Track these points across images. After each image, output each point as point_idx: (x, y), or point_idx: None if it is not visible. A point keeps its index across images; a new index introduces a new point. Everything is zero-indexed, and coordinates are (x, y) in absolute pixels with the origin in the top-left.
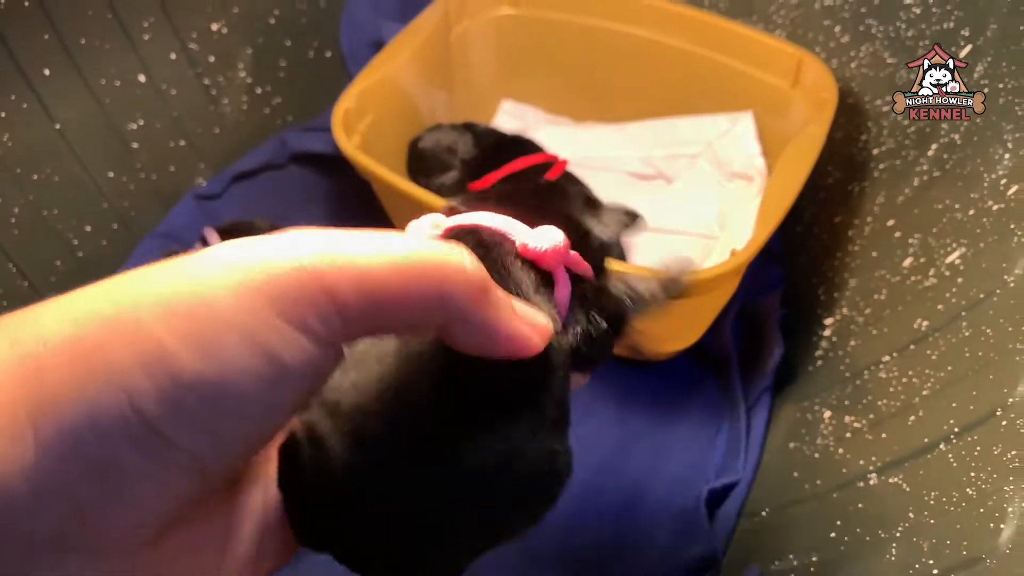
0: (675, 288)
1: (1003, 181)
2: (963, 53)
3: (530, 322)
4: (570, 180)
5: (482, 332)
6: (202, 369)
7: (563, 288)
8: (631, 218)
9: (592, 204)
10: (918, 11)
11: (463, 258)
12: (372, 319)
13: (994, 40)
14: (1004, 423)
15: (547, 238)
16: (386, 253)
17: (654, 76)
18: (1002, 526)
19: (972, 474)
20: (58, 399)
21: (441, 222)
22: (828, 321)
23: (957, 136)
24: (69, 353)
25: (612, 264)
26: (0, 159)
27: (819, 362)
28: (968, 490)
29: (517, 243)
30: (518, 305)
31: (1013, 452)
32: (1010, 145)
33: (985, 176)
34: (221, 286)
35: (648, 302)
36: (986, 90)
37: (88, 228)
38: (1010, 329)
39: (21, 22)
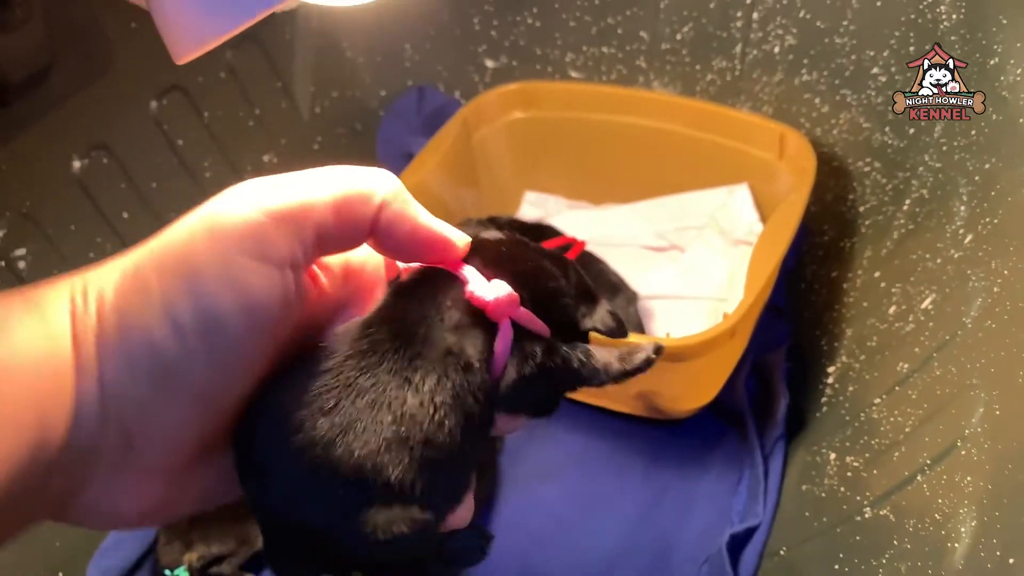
0: (635, 363)
1: (961, 231)
2: None
3: (448, 231)
4: (591, 259)
5: (409, 235)
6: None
7: (503, 339)
8: (615, 325)
9: (588, 297)
10: (884, 79)
11: (387, 178)
12: (322, 244)
13: None
14: (963, 453)
15: (492, 290)
16: (329, 192)
17: (659, 158)
18: (956, 545)
19: (940, 500)
20: (121, 332)
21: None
22: (831, 369)
23: (925, 191)
24: (123, 296)
25: (595, 337)
26: None
27: (824, 408)
28: (936, 515)
29: (466, 289)
30: (436, 219)
31: (968, 479)
32: (964, 198)
33: (947, 227)
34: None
35: (600, 370)
36: (944, 148)
37: None
38: (968, 366)
39: (102, 177)
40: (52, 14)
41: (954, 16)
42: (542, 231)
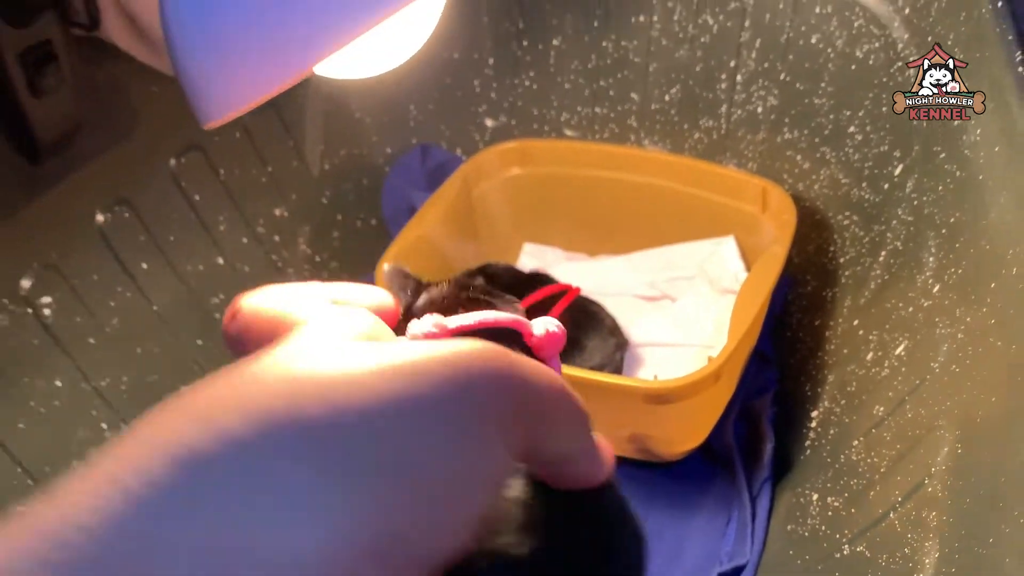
0: None
1: (930, 280)
2: (897, 171)
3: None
4: (588, 303)
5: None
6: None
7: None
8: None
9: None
10: (860, 138)
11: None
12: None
13: (918, 159)
14: (929, 489)
15: (544, 326)
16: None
17: (650, 212)
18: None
19: (908, 535)
20: None
21: (443, 322)
22: (814, 414)
23: (899, 243)
24: None
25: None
26: (111, 339)
27: (808, 451)
28: (905, 549)
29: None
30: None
31: (933, 513)
32: (933, 249)
33: (918, 277)
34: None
35: None
36: (915, 202)
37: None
38: (935, 408)
39: (123, 230)
40: (81, 80)
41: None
42: (538, 279)
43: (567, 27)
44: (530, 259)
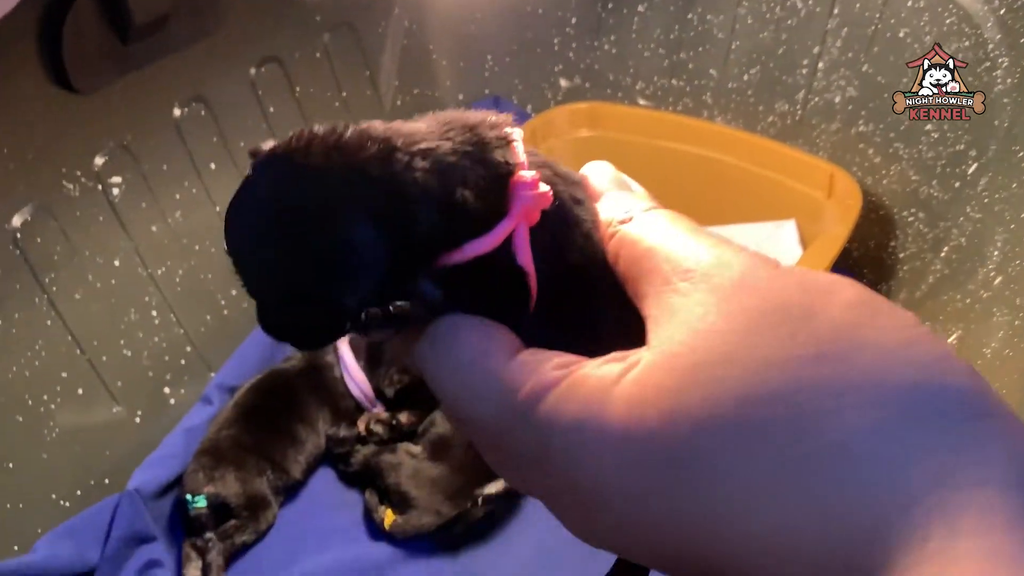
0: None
1: (992, 273)
2: (971, 170)
3: None
4: None
5: None
6: None
7: None
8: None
9: None
10: (936, 135)
11: None
12: None
13: (994, 159)
14: None
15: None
16: None
17: (713, 189)
18: None
19: None
20: None
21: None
22: None
23: (964, 239)
24: None
25: None
26: (172, 231)
27: None
28: None
29: None
30: None
31: None
32: (999, 244)
33: (980, 271)
34: None
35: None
36: (986, 199)
37: (233, 292)
38: None
39: (197, 127)
40: None
41: (1008, 80)
42: None
43: None
44: None
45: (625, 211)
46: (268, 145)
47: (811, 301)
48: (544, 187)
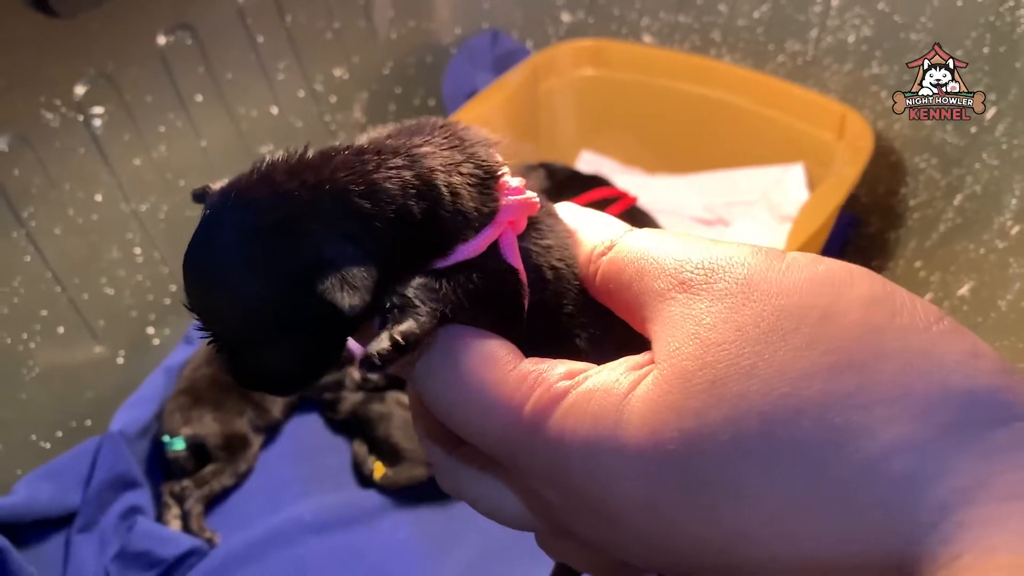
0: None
1: (1008, 223)
2: (989, 115)
3: None
4: (641, 214)
5: None
6: None
7: None
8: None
9: None
10: None
11: None
12: None
13: (1014, 103)
14: None
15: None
16: None
17: (719, 131)
18: None
19: None
20: None
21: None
22: None
23: (979, 187)
24: None
25: None
26: (156, 165)
27: None
28: None
29: None
30: None
31: None
32: (1017, 192)
33: (995, 220)
34: None
35: None
36: (1003, 146)
37: None
38: (997, 344)
39: (183, 56)
40: None
41: None
42: (596, 180)
43: None
44: (586, 167)
45: (605, 238)
46: (217, 185)
47: (825, 301)
48: (531, 193)
